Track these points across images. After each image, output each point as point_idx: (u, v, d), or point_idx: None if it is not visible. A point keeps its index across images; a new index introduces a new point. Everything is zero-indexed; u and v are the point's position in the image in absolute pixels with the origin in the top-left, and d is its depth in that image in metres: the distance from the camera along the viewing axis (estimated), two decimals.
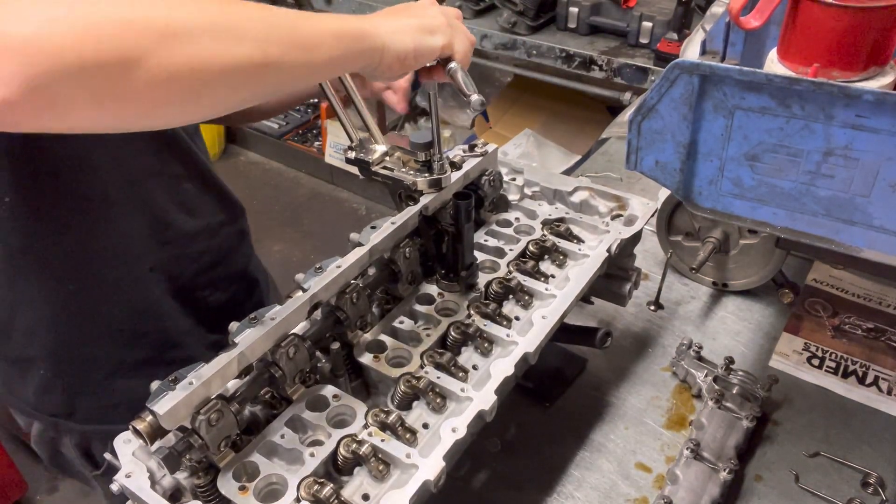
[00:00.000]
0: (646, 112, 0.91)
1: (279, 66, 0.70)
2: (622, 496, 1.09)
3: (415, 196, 1.06)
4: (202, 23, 0.63)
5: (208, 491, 0.79)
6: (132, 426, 0.75)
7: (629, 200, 1.20)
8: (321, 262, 0.94)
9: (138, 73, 0.57)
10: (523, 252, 1.13)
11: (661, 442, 1.17)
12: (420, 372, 0.90)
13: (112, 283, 1.09)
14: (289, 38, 0.72)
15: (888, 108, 0.75)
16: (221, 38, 0.64)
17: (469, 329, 0.96)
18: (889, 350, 1.31)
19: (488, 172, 1.18)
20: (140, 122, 0.63)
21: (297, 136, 4.60)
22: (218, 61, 0.64)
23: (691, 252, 1.44)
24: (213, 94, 0.66)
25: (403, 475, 0.79)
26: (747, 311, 1.43)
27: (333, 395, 0.87)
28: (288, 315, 0.86)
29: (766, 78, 0.80)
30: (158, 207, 1.10)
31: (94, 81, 0.55)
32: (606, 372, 1.30)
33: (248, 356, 0.82)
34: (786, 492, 1.09)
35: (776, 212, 0.90)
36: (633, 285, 1.21)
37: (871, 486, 1.08)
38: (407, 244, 1.01)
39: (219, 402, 0.77)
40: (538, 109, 3.83)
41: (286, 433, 0.83)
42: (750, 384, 1.18)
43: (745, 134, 0.86)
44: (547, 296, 1.03)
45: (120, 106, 0.59)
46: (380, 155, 1.11)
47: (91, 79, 0.55)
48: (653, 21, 2.58)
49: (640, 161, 0.96)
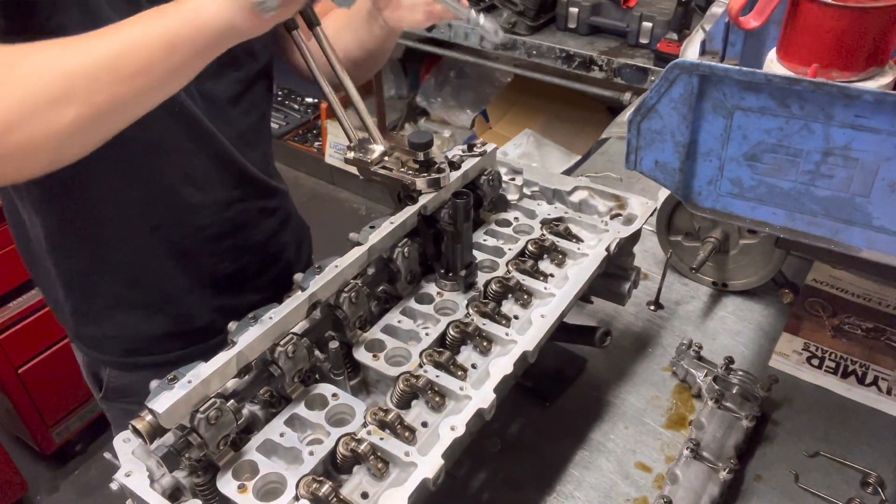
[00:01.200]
0: (645, 112, 0.91)
1: (116, 106, 0.72)
2: (622, 496, 1.09)
3: (414, 196, 1.06)
4: (16, 111, 0.67)
5: (207, 490, 0.79)
6: (131, 425, 0.75)
7: (628, 200, 1.20)
8: (320, 261, 0.94)
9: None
10: (522, 251, 1.13)
11: (661, 442, 1.17)
12: (419, 371, 0.90)
13: (115, 232, 1.14)
14: (110, 78, 0.71)
15: (887, 108, 0.75)
16: (42, 115, 0.67)
17: (468, 328, 0.96)
18: (889, 350, 1.31)
19: (487, 172, 1.18)
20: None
21: (297, 136, 4.61)
22: (52, 135, 0.68)
23: (691, 252, 1.44)
24: (67, 153, 0.72)
25: (402, 473, 0.79)
26: (747, 311, 1.43)
27: (332, 394, 0.87)
28: (287, 314, 0.86)
29: (765, 78, 0.80)
30: (166, 178, 1.13)
31: None
32: (606, 372, 1.30)
33: (248, 355, 0.82)
34: (786, 492, 1.09)
35: (776, 212, 0.90)
36: (632, 285, 1.21)
37: (871, 486, 1.08)
38: (406, 244, 1.01)
39: (218, 401, 0.77)
40: (538, 110, 3.83)
41: (285, 432, 0.83)
42: (750, 384, 1.18)
43: (745, 134, 0.86)
44: (546, 295, 1.03)
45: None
46: (379, 155, 1.11)
47: None
48: (653, 21, 2.58)
49: (640, 161, 0.96)
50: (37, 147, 0.70)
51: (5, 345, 2.20)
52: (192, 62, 0.79)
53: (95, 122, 0.73)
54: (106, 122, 0.74)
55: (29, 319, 2.23)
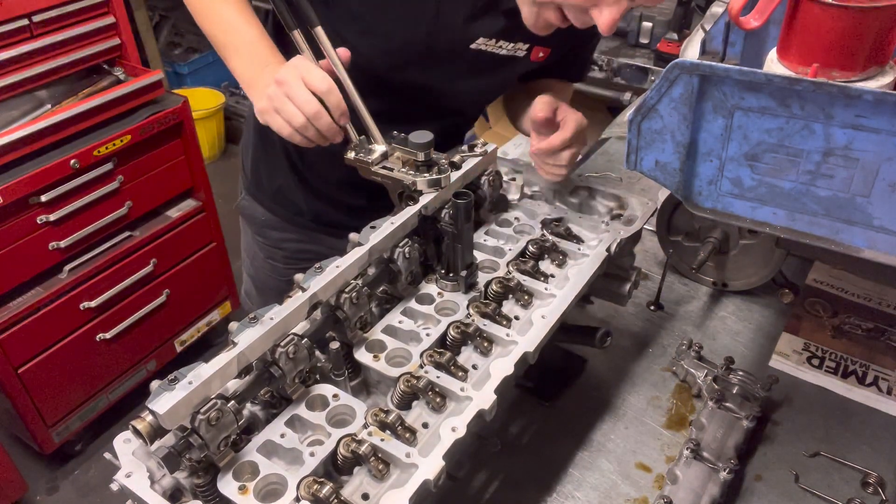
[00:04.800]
0: (646, 112, 0.90)
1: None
2: (622, 496, 1.09)
3: (414, 196, 1.06)
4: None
5: (208, 490, 0.79)
6: (132, 425, 0.75)
7: (628, 200, 1.20)
8: (321, 261, 0.94)
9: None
10: (523, 252, 1.13)
11: (661, 442, 1.17)
12: (419, 371, 0.90)
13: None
14: (198, 18, 1.25)
15: (888, 108, 0.75)
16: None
17: (469, 329, 0.96)
18: (889, 350, 1.31)
19: (488, 172, 1.18)
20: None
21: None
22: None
23: (691, 252, 1.44)
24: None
25: (403, 474, 0.79)
26: (747, 311, 1.43)
27: (333, 395, 0.87)
28: (287, 314, 0.86)
29: (765, 78, 0.80)
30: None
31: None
32: (606, 372, 1.30)
33: (248, 355, 0.82)
34: (786, 492, 1.09)
35: (776, 212, 0.90)
36: (632, 285, 1.21)
37: (871, 486, 1.08)
38: (406, 244, 1.01)
39: (218, 402, 0.77)
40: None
41: (286, 433, 0.83)
42: (750, 384, 1.18)
43: (745, 134, 0.86)
44: (546, 295, 1.03)
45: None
46: (379, 155, 1.11)
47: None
48: (653, 21, 2.58)
49: (640, 161, 0.95)
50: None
51: (5, 345, 2.19)
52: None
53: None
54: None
55: (29, 319, 2.23)
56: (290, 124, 1.07)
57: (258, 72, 1.14)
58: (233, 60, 1.19)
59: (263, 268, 1.67)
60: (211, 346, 3.04)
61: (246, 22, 1.19)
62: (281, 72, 1.06)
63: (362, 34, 1.22)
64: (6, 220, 2.10)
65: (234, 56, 1.19)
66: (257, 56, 1.17)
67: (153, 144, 2.47)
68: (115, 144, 2.31)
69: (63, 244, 2.27)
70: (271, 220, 1.59)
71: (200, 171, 2.67)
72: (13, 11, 2.12)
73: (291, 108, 1.05)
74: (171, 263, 2.67)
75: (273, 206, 1.58)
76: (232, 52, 1.19)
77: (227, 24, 1.20)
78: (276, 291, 1.64)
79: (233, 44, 1.19)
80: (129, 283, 2.50)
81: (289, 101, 1.05)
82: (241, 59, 1.18)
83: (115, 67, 2.48)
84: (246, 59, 1.18)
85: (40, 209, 2.18)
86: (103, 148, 2.27)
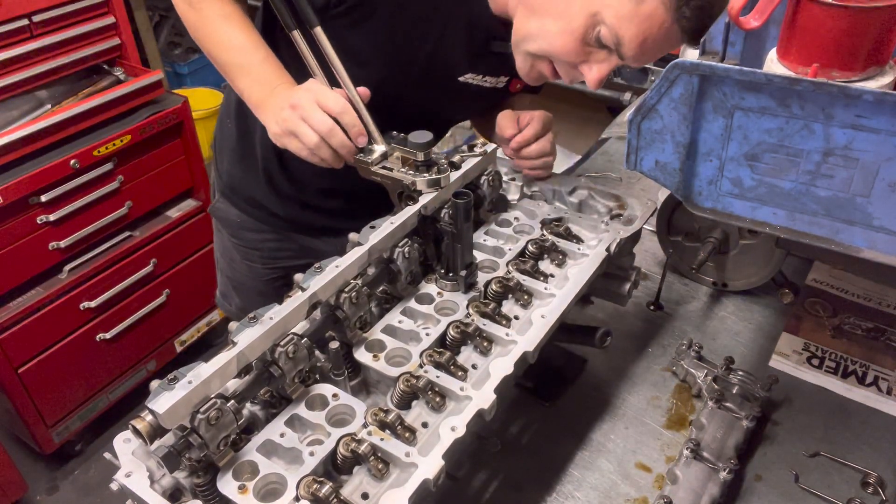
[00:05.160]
0: (646, 112, 0.90)
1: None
2: (622, 496, 1.09)
3: (414, 196, 1.06)
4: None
5: (208, 490, 0.79)
6: (131, 425, 0.75)
7: (628, 200, 1.20)
8: (321, 261, 0.94)
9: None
10: (522, 251, 1.13)
11: (661, 442, 1.17)
12: (419, 371, 0.90)
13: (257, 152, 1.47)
14: (197, 36, 1.24)
15: (888, 108, 0.75)
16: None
17: (468, 328, 0.96)
18: (889, 350, 1.31)
19: (487, 172, 1.18)
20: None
21: None
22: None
23: (691, 252, 1.44)
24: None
25: (403, 474, 0.79)
26: (747, 311, 1.43)
27: (333, 395, 0.87)
28: (287, 314, 0.86)
29: (765, 78, 0.80)
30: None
31: None
32: (606, 372, 1.30)
33: (248, 355, 0.82)
34: (786, 492, 1.09)
35: (776, 212, 0.90)
36: (632, 285, 1.21)
37: (871, 486, 1.08)
38: (406, 244, 1.01)
39: (218, 402, 0.77)
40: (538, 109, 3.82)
41: (285, 432, 0.83)
42: (750, 384, 1.18)
43: (745, 134, 0.86)
44: (546, 295, 1.03)
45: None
46: (379, 155, 1.11)
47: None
48: None
49: (640, 161, 0.96)
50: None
51: (5, 345, 2.19)
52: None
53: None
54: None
55: (29, 319, 2.23)
56: (306, 145, 1.08)
57: (267, 93, 1.15)
58: (241, 81, 1.19)
59: (241, 269, 1.66)
60: (211, 346, 3.03)
61: (253, 44, 1.19)
62: (294, 96, 1.08)
63: (353, 66, 1.20)
64: (6, 220, 2.11)
65: (242, 77, 1.19)
66: (266, 78, 1.17)
67: (153, 144, 2.47)
68: (115, 144, 2.31)
69: (63, 244, 2.27)
70: (247, 222, 1.58)
71: (200, 171, 2.68)
72: (13, 11, 2.12)
73: (306, 130, 1.07)
74: (171, 263, 2.67)
75: (248, 208, 1.57)
76: (239, 72, 1.19)
77: (233, 46, 1.20)
78: (256, 291, 1.64)
79: (240, 65, 1.19)
80: (129, 283, 2.50)
81: (303, 123, 1.07)
82: (249, 81, 1.18)
83: (115, 67, 2.48)
84: (255, 80, 1.18)
85: (40, 209, 2.18)
86: (103, 148, 2.28)
